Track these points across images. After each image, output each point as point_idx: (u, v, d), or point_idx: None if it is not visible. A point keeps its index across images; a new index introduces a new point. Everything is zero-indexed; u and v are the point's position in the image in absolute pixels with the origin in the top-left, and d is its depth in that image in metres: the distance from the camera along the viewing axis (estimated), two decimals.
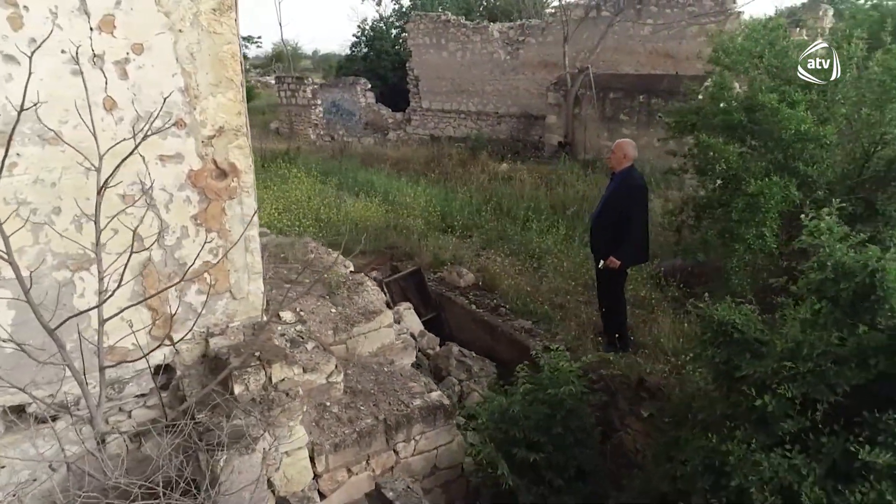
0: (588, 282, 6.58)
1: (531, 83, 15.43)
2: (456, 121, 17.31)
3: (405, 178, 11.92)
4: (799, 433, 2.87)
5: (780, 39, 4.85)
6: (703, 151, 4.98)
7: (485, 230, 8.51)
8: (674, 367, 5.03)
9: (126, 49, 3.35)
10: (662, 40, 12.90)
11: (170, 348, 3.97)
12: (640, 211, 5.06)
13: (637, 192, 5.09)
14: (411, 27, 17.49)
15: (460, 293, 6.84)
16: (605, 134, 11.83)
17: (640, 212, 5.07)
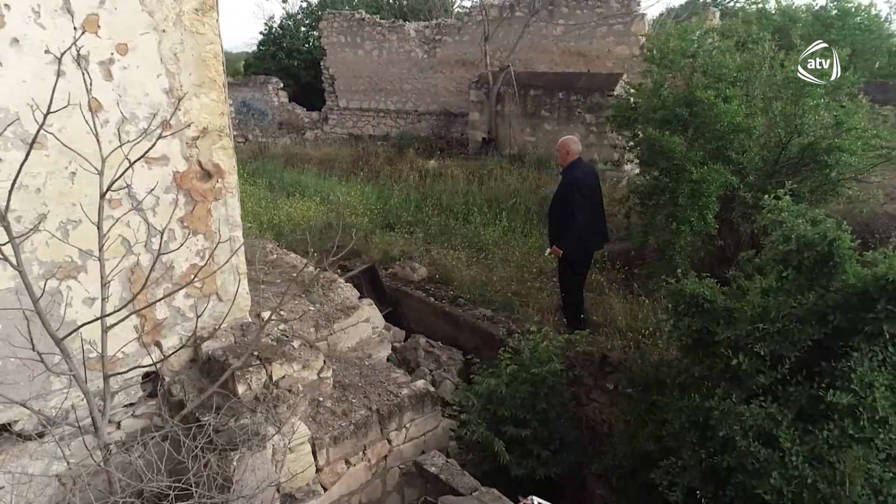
0: (540, 269, 6.95)
1: (449, 81, 15.75)
2: (375, 119, 17.35)
3: (335, 178, 11.88)
4: (769, 386, 3.29)
5: (709, 41, 5.40)
6: (647, 143, 5.44)
7: (428, 226, 8.70)
8: (630, 341, 5.47)
9: (111, 49, 3.29)
10: (574, 40, 13.59)
11: (157, 354, 3.91)
12: (581, 202, 5.34)
13: (575, 185, 5.41)
14: (324, 25, 17.31)
15: (416, 287, 7.00)
16: (528, 129, 12.34)
17: (582, 203, 5.34)
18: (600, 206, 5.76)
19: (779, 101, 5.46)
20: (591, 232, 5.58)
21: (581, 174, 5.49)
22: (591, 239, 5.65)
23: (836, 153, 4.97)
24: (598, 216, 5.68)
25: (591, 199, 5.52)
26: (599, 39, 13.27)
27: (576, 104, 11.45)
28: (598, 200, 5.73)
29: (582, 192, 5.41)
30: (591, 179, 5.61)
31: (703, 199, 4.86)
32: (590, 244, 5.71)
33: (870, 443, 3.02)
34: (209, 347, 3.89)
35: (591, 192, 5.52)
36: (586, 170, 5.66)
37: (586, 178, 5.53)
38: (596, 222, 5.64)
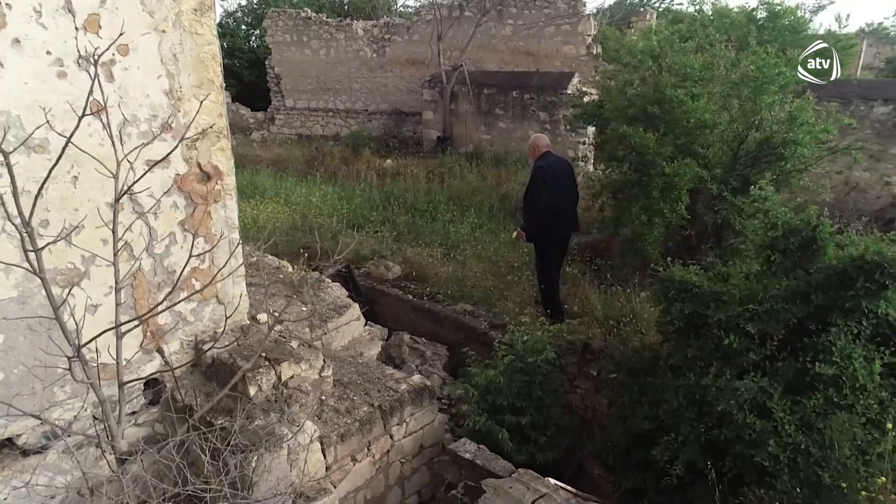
0: (513, 265, 7.14)
1: (400, 80, 15.79)
2: (324, 119, 17.18)
3: (291, 179, 11.73)
4: (759, 362, 3.56)
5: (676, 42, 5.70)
6: (617, 140, 5.69)
7: (395, 225, 8.75)
8: (608, 329, 5.72)
9: (112, 50, 3.22)
10: (523, 39, 13.90)
11: (159, 360, 3.85)
12: (543, 190, 5.64)
13: (538, 173, 5.74)
14: (269, 24, 17.01)
15: (391, 285, 7.05)
16: (483, 128, 12.54)
17: (544, 190, 5.63)
18: (569, 196, 5.97)
19: (737, 98, 5.83)
20: (556, 219, 5.81)
21: (545, 164, 5.79)
22: (556, 226, 5.87)
23: (792, 146, 5.36)
24: (566, 205, 5.90)
25: (557, 188, 5.76)
26: (548, 39, 13.63)
27: (529, 102, 11.73)
28: (568, 190, 5.94)
29: (544, 181, 5.68)
30: (558, 170, 5.86)
31: (675, 191, 5.15)
32: (555, 231, 5.91)
33: (851, 409, 3.32)
34: (213, 351, 3.86)
35: (556, 181, 5.75)
36: (552, 161, 5.92)
37: (550, 167, 5.79)
38: (562, 211, 5.86)
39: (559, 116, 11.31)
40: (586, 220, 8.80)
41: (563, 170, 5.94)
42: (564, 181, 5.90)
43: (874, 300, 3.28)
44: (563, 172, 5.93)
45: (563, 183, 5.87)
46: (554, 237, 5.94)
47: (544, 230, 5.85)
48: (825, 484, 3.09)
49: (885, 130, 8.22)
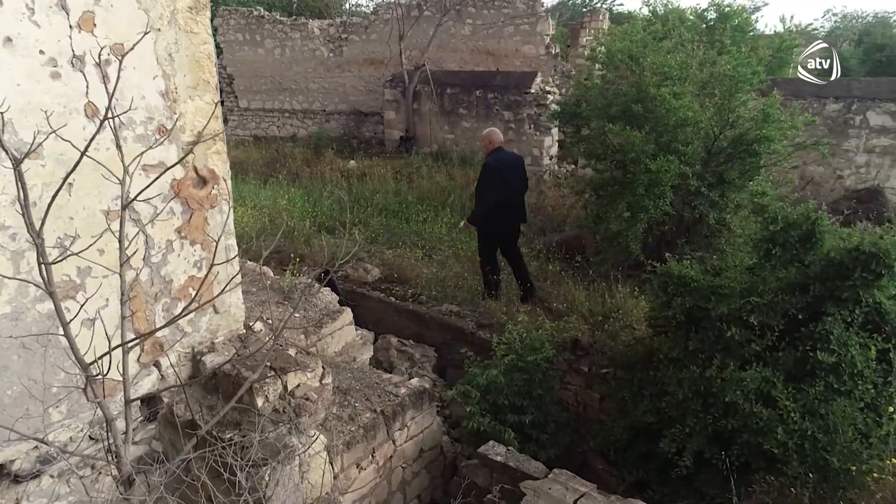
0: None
1: (358, 80, 15.61)
2: (280, 120, 16.82)
3: (254, 182, 11.44)
4: (761, 353, 3.67)
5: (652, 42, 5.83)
6: (599, 138, 5.78)
7: (369, 227, 8.64)
8: (595, 325, 5.80)
9: (106, 50, 3.07)
10: (483, 39, 13.96)
11: (156, 374, 3.70)
12: (489, 183, 6.03)
13: (485, 168, 6.15)
14: (220, 22, 16.52)
15: (372, 288, 6.96)
16: (447, 127, 12.53)
17: (490, 184, 6.02)
18: (518, 190, 6.34)
19: (709, 96, 6.01)
20: (501, 210, 6.15)
21: (493, 160, 6.15)
22: (500, 216, 6.21)
23: (765, 143, 5.56)
24: (514, 198, 6.26)
25: (506, 182, 6.09)
26: (507, 39, 13.73)
27: (493, 102, 11.79)
28: (517, 184, 6.31)
29: (490, 175, 6.06)
30: (507, 164, 6.21)
31: (659, 188, 5.26)
32: (501, 222, 6.27)
33: (850, 394, 3.46)
34: (213, 362, 3.72)
35: (504, 175, 6.09)
36: (501, 156, 6.24)
37: (497, 162, 6.13)
38: (510, 203, 6.21)
39: (524, 115, 11.41)
40: (557, 218, 8.94)
41: (512, 164, 6.31)
42: (514, 176, 6.26)
43: (869, 289, 3.43)
44: (513, 167, 6.30)
45: (513, 177, 6.23)
46: (498, 227, 6.30)
47: (490, 221, 6.22)
48: (833, 468, 3.22)
49: (837, 126, 8.64)
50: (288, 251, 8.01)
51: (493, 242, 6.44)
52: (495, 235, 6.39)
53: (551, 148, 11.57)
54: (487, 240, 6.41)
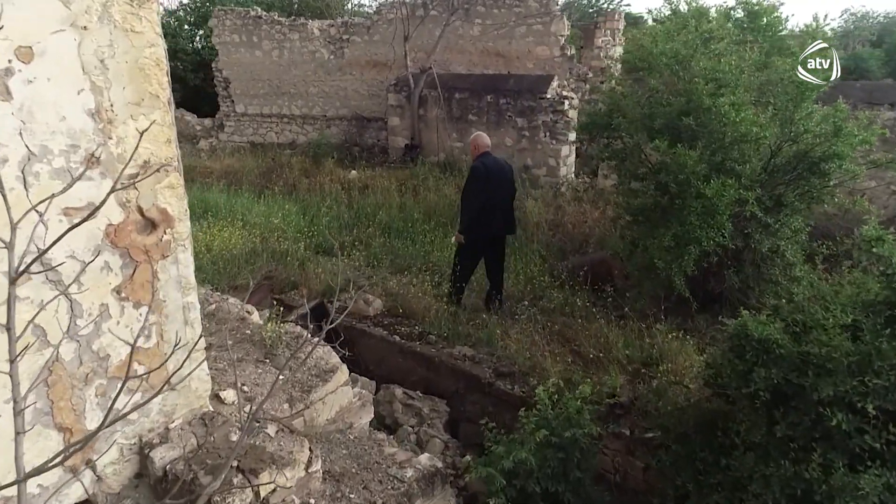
0: (514, 294, 6.32)
1: (360, 84, 14.79)
2: (279, 125, 16.00)
3: (246, 194, 10.62)
4: (877, 450, 2.82)
5: (709, 43, 4.98)
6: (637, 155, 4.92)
7: (370, 248, 7.81)
8: (634, 375, 4.96)
9: (8, 55, 2.24)
10: (493, 40, 13.12)
11: (91, 476, 2.85)
12: (474, 190, 5.82)
13: (471, 174, 5.91)
14: (215, 23, 15.72)
15: (373, 323, 6.12)
16: (455, 135, 11.69)
17: (475, 190, 5.81)
18: (503, 196, 6.01)
19: (766, 105, 5.16)
20: (487, 218, 5.89)
21: (480, 164, 5.88)
22: (486, 224, 5.94)
23: (836, 160, 4.71)
24: (502, 206, 5.98)
25: (493, 188, 5.83)
26: (519, 40, 12.88)
27: (505, 107, 10.94)
28: (502, 191, 5.99)
29: (476, 181, 5.83)
30: (495, 171, 5.91)
31: (715, 217, 4.41)
32: (484, 229, 5.98)
33: None
34: (164, 458, 2.87)
35: (492, 182, 5.83)
36: (488, 162, 5.95)
37: (485, 168, 5.86)
38: (497, 211, 5.94)
39: (538, 122, 10.56)
40: (578, 237, 8.08)
41: (500, 171, 6.00)
42: (501, 182, 5.96)
43: None
44: (501, 173, 5.99)
45: (500, 184, 5.94)
46: (482, 234, 6.00)
47: (475, 228, 5.94)
48: None
49: (893, 136, 7.77)
50: (281, 276, 7.19)
51: (474, 252, 6.13)
52: (477, 244, 6.07)
53: (568, 157, 10.72)
54: (468, 247, 6.07)
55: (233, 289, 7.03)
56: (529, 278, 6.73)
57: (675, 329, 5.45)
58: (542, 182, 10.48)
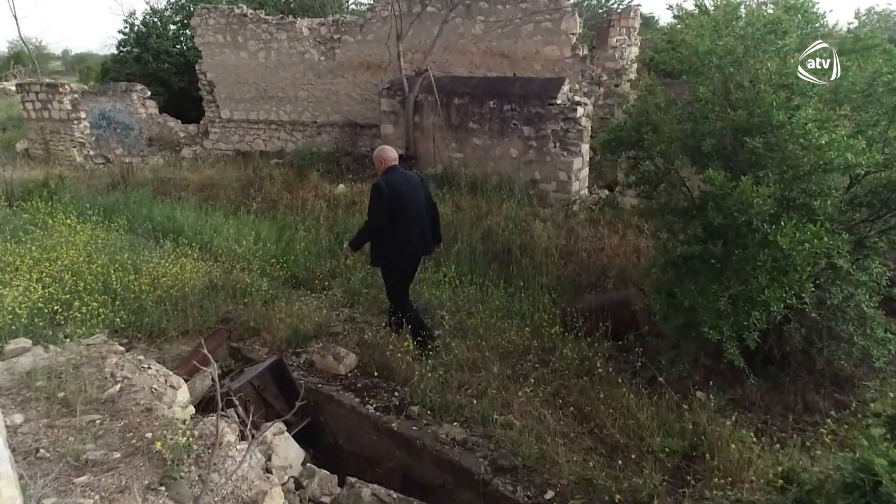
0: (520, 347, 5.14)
1: (353, 87, 13.63)
2: (266, 132, 14.87)
3: (220, 211, 9.47)
4: None
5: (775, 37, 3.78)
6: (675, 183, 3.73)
7: (349, 281, 6.64)
8: (673, 470, 3.77)
9: None
10: (496, 39, 11.94)
11: None
12: (377, 212, 5.15)
13: (372, 191, 5.20)
14: (198, 22, 14.60)
15: (343, 386, 4.95)
16: (454, 145, 10.50)
17: (377, 212, 5.15)
18: (416, 213, 5.29)
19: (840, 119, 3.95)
20: (402, 241, 5.23)
21: (382, 183, 5.19)
22: (405, 250, 5.29)
23: None
24: (413, 225, 5.25)
25: (399, 208, 5.13)
26: (525, 39, 11.69)
27: (510, 114, 9.74)
28: (415, 208, 5.27)
29: (379, 202, 5.13)
30: (401, 188, 5.17)
31: (791, 275, 3.21)
32: (405, 257, 5.35)
33: None
34: None
35: (398, 201, 5.12)
36: (394, 178, 5.24)
37: (388, 186, 5.14)
38: (408, 233, 5.23)
39: (547, 131, 9.35)
40: (595, 268, 6.89)
41: (409, 186, 5.27)
42: (412, 198, 5.25)
43: None
44: (411, 190, 5.27)
45: (411, 201, 5.23)
46: (406, 260, 5.38)
47: (393, 254, 5.31)
48: None
49: None
50: (242, 318, 6.03)
51: (404, 281, 5.50)
52: (405, 273, 5.47)
53: (581, 171, 9.51)
54: (398, 279, 5.45)
55: (182, 334, 5.89)
56: (536, 326, 5.54)
57: (723, 401, 4.27)
58: (551, 199, 9.28)
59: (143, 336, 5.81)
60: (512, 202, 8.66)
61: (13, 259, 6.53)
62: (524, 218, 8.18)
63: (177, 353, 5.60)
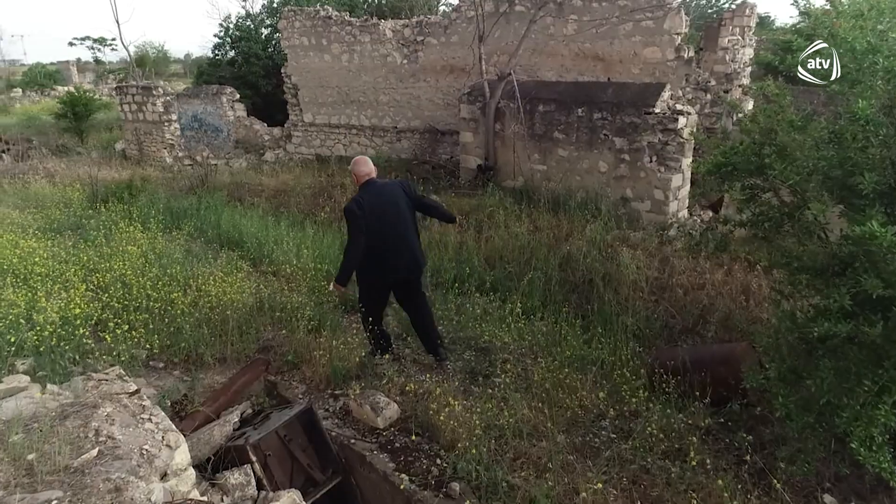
0: (594, 409, 4.22)
1: (435, 91, 13.01)
2: (347, 137, 14.56)
3: (286, 221, 9.08)
4: None
5: None
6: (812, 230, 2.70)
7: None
8: None
9: None
10: (590, 40, 10.92)
11: None
12: (352, 233, 4.72)
13: (345, 217, 4.77)
14: (284, 25, 14.51)
15: (379, 444, 4.22)
16: (537, 156, 9.60)
17: (352, 233, 4.72)
18: (394, 228, 4.79)
19: None
20: (377, 259, 4.80)
21: (353, 204, 4.71)
22: (378, 268, 4.85)
23: None
24: (390, 242, 4.78)
25: (375, 226, 4.68)
26: (623, 39, 10.59)
27: (601, 124, 8.73)
28: (391, 224, 4.77)
29: (354, 222, 4.67)
30: (374, 204, 4.70)
31: None
32: (379, 272, 4.88)
33: None
34: None
35: (374, 218, 4.68)
36: (368, 194, 4.76)
37: (359, 206, 4.66)
38: (384, 251, 4.78)
39: (642, 144, 8.27)
40: (693, 309, 5.82)
41: (384, 200, 4.77)
42: (388, 214, 4.77)
43: None
44: (386, 204, 4.77)
45: (387, 217, 4.76)
46: (381, 279, 4.95)
47: (368, 274, 4.93)
48: None
49: None
50: (283, 348, 5.48)
51: (375, 295, 5.06)
52: (377, 288, 5.03)
53: (681, 190, 8.34)
54: (367, 291, 5.04)
55: (219, 361, 5.39)
56: (616, 384, 4.58)
57: None
58: (643, 221, 8.19)
59: (179, 360, 5.37)
60: (598, 223, 7.67)
61: (64, 268, 6.32)
62: (610, 243, 7.18)
63: (209, 384, 5.10)
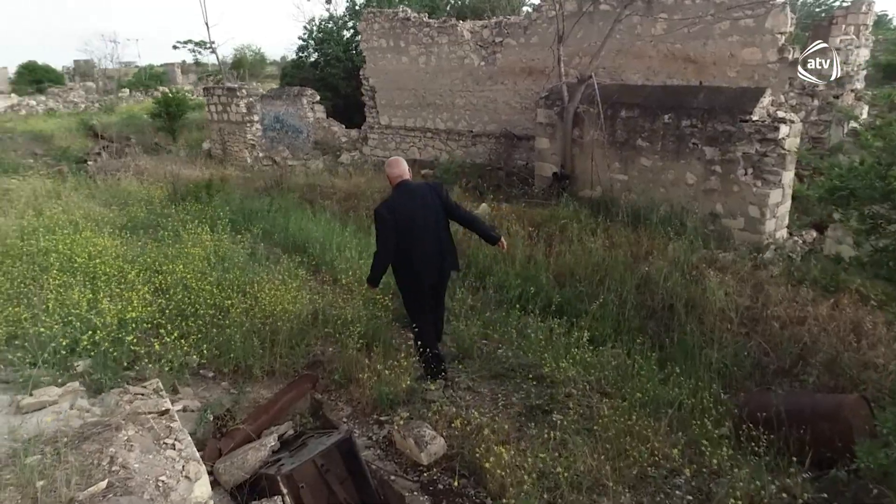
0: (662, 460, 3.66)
1: (512, 95, 12.55)
2: (422, 140, 14.34)
3: (353, 227, 8.90)
4: None
5: None
6: None
7: (470, 330, 5.53)
8: None
9: None
10: (681, 40, 10.13)
11: None
12: (381, 236, 4.77)
13: (375, 221, 4.83)
14: (364, 27, 14.48)
15: (421, 483, 3.84)
16: (618, 165, 8.96)
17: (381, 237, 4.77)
18: (424, 231, 4.77)
19: None
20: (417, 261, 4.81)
21: (384, 208, 4.72)
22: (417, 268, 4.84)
23: None
24: (426, 246, 4.80)
25: (408, 227, 4.71)
26: (718, 39, 9.74)
27: (690, 131, 7.99)
28: (422, 227, 4.75)
29: (383, 225, 4.71)
30: (403, 208, 4.73)
31: None
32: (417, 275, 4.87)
33: None
34: None
35: (406, 218, 4.70)
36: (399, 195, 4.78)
37: (390, 209, 4.70)
38: (411, 255, 4.79)
39: (737, 154, 7.48)
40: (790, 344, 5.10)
41: (418, 201, 4.78)
42: (419, 214, 4.76)
43: None
44: (419, 205, 4.77)
45: (419, 217, 4.75)
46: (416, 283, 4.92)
47: (403, 277, 4.99)
48: None
49: None
50: (333, 364, 5.21)
51: (416, 299, 4.99)
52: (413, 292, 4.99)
53: (779, 207, 7.49)
54: (406, 296, 5.07)
55: (267, 374, 5.19)
56: (696, 435, 3.98)
57: None
58: (735, 241, 7.40)
59: (228, 371, 5.21)
60: (682, 241, 6.97)
61: (129, 269, 6.34)
62: (696, 264, 6.48)
63: (255, 398, 4.89)
